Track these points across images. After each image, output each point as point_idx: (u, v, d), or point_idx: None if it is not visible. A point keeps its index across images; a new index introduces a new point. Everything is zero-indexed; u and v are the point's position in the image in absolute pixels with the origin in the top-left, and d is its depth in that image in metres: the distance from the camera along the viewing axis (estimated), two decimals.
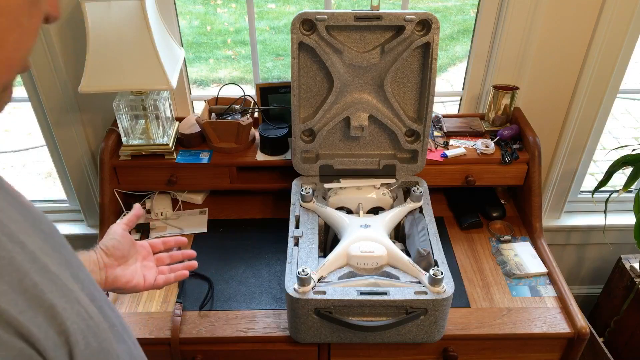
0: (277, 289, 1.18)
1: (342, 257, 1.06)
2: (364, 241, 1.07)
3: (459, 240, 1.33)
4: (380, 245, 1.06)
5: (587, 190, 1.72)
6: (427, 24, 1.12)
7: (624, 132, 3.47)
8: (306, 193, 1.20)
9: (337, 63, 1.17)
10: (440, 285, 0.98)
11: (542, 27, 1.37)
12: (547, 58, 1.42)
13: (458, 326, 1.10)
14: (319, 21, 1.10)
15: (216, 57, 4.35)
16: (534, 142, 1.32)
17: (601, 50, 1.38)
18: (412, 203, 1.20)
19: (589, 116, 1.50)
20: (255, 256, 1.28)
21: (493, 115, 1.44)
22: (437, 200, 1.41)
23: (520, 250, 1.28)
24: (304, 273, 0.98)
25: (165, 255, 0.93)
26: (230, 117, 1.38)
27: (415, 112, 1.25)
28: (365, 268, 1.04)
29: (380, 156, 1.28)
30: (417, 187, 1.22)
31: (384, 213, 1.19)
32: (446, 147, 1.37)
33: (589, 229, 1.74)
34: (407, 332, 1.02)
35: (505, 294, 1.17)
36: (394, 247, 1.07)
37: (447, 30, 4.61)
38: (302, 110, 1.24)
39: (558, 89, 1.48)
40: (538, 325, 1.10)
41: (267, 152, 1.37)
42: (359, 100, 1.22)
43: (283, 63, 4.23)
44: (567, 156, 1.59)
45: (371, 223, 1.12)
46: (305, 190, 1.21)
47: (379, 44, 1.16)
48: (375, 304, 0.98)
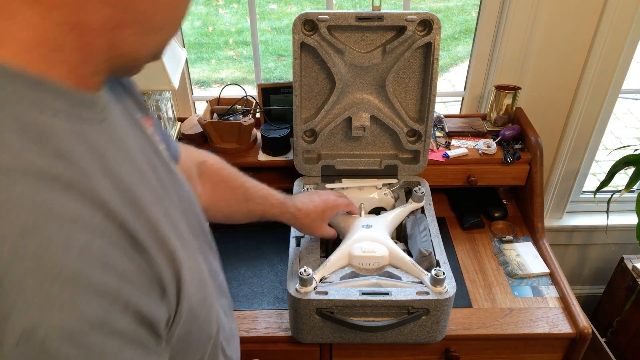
0: (279, 289, 1.19)
1: (343, 257, 1.06)
2: (366, 241, 1.07)
3: (460, 240, 1.33)
4: (382, 246, 1.06)
5: (589, 190, 1.71)
6: (429, 24, 1.12)
7: (626, 132, 3.47)
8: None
9: (338, 63, 1.17)
10: (442, 285, 0.98)
11: (544, 27, 1.37)
12: (549, 58, 1.42)
13: (460, 326, 1.10)
14: (320, 21, 1.11)
15: (218, 57, 4.35)
16: (536, 142, 1.32)
17: (603, 50, 1.38)
18: (414, 203, 1.20)
19: (591, 116, 1.50)
20: (257, 256, 1.28)
21: (495, 116, 1.44)
22: (438, 200, 1.41)
23: (522, 251, 1.28)
24: (306, 273, 0.98)
25: None
26: (232, 117, 1.38)
27: (416, 112, 1.25)
28: (367, 268, 1.04)
29: (382, 156, 1.28)
30: (418, 187, 1.22)
31: (385, 213, 1.19)
32: (448, 147, 1.37)
33: (591, 229, 1.74)
34: (409, 332, 1.02)
35: (507, 294, 1.17)
36: (395, 248, 1.07)
37: (448, 30, 4.61)
38: (304, 110, 1.24)
39: (560, 89, 1.48)
40: (540, 326, 1.10)
41: (268, 152, 1.37)
42: (360, 101, 1.22)
43: (285, 63, 4.23)
44: (569, 156, 1.58)
45: (373, 223, 1.12)
46: (307, 191, 1.21)
47: (381, 44, 1.16)
48: (377, 304, 0.98)
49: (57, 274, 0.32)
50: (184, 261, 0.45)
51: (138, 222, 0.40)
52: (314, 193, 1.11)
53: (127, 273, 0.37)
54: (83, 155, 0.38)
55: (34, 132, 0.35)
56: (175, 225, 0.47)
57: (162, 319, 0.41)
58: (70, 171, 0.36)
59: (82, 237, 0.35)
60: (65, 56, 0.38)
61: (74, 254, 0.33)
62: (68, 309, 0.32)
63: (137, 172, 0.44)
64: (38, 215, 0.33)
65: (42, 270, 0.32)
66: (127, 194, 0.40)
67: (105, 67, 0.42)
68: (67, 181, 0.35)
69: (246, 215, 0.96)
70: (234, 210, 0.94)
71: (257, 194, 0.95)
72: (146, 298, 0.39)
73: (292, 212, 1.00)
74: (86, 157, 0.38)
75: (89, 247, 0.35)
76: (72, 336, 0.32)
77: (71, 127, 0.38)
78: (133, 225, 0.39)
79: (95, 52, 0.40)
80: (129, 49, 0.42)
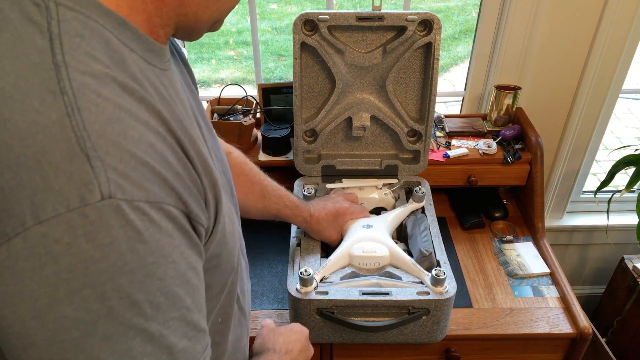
0: (279, 289, 1.19)
1: (344, 257, 1.06)
2: (366, 242, 1.07)
3: (461, 240, 1.33)
4: (382, 246, 1.06)
5: (589, 190, 1.71)
6: (429, 24, 1.12)
7: (627, 132, 3.47)
8: (308, 193, 1.20)
9: (339, 63, 1.17)
10: (443, 285, 0.98)
11: (544, 27, 1.37)
12: (549, 58, 1.42)
13: (460, 326, 1.10)
14: (320, 21, 1.11)
15: (218, 57, 4.35)
16: (536, 142, 1.32)
17: (603, 50, 1.38)
18: (414, 203, 1.20)
19: (592, 116, 1.50)
20: (258, 257, 1.28)
21: (495, 116, 1.44)
22: (439, 200, 1.41)
23: (523, 251, 1.28)
24: (306, 273, 0.98)
25: None
26: (233, 117, 1.38)
27: (417, 112, 1.25)
28: (367, 268, 1.04)
29: (382, 156, 1.28)
30: (419, 187, 1.22)
31: (386, 213, 1.19)
32: (448, 148, 1.37)
33: (592, 229, 1.74)
34: (410, 332, 1.02)
35: (508, 294, 1.17)
36: (396, 248, 1.07)
37: (449, 30, 4.61)
38: (304, 110, 1.24)
39: (560, 89, 1.48)
40: (540, 326, 1.10)
41: (269, 152, 1.37)
42: (360, 101, 1.22)
43: (285, 63, 4.23)
44: (570, 156, 1.58)
45: (373, 223, 1.12)
46: (307, 191, 1.21)
47: (381, 44, 1.16)
48: (377, 304, 0.98)
49: (131, 157, 0.40)
50: (222, 194, 0.52)
51: (191, 148, 0.47)
52: (329, 199, 1.14)
53: (181, 175, 0.45)
54: (149, 88, 0.45)
55: (118, 57, 0.43)
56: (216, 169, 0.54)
57: (203, 224, 0.48)
58: (143, 92, 0.43)
59: (150, 136, 0.42)
60: (144, 6, 0.46)
61: (144, 146, 0.41)
62: (137, 185, 0.40)
63: (188, 119, 0.51)
64: (120, 110, 0.40)
65: (121, 152, 0.39)
66: (182, 124, 0.47)
67: (172, 23, 0.49)
68: (141, 96, 0.43)
69: (260, 211, 1.01)
70: (250, 205, 0.99)
71: (273, 192, 1.01)
72: (194, 200, 0.46)
73: (304, 217, 1.06)
74: (151, 91, 0.45)
75: (154, 145, 0.42)
76: (139, 207, 0.40)
77: (142, 65, 0.46)
78: (187, 147, 0.46)
79: (167, 6, 0.47)
80: (194, 9, 0.48)
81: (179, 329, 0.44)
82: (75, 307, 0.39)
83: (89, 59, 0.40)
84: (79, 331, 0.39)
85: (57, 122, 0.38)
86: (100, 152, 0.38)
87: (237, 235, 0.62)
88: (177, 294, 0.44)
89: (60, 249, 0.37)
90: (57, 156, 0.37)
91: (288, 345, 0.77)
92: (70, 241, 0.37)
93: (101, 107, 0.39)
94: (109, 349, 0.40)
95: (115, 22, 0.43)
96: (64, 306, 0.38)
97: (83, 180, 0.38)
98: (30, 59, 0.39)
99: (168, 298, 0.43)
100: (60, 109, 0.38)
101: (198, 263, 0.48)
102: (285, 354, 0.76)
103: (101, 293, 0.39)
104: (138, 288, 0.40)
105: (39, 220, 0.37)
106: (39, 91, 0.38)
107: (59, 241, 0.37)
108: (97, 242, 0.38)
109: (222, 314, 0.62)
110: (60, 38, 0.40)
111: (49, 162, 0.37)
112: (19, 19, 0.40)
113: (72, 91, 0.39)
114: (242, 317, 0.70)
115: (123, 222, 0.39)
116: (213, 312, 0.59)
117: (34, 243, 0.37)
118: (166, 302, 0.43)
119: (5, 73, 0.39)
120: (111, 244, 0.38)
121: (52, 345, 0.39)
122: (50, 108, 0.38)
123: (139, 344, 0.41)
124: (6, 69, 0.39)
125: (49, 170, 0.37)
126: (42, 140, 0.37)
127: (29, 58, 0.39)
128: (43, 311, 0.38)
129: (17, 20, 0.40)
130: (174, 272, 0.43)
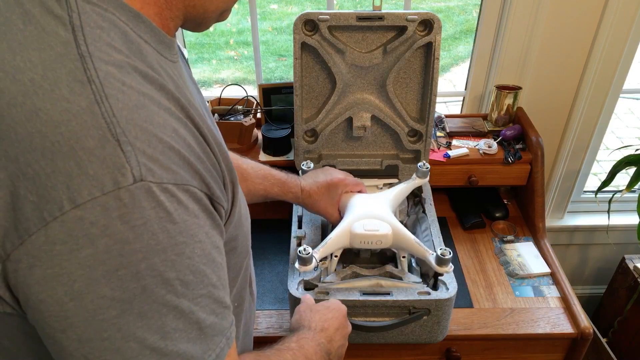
0: (280, 290, 1.18)
1: (344, 235, 1.01)
2: (368, 219, 1.02)
3: (461, 240, 1.33)
4: (385, 224, 1.01)
5: (590, 190, 1.71)
6: (429, 24, 1.12)
7: (627, 131, 3.46)
8: (307, 168, 1.16)
9: (339, 63, 1.17)
10: (448, 265, 0.95)
11: (545, 27, 1.37)
12: (550, 58, 1.42)
13: (461, 326, 1.10)
14: (321, 21, 1.11)
15: (219, 57, 4.36)
16: (537, 142, 1.32)
17: (604, 50, 1.38)
18: (418, 179, 1.15)
19: (592, 116, 1.50)
20: (258, 257, 1.28)
21: (496, 116, 1.44)
22: (439, 200, 1.41)
23: (523, 251, 1.28)
24: (306, 252, 0.94)
25: None
26: (233, 117, 1.38)
27: (417, 112, 1.25)
28: (369, 248, 1.01)
29: (383, 156, 1.28)
30: (423, 162, 1.16)
31: (389, 190, 1.16)
32: (449, 147, 1.37)
33: (592, 229, 1.74)
34: (410, 332, 1.02)
35: (508, 294, 1.17)
36: (399, 226, 1.02)
37: (449, 30, 4.61)
38: (305, 110, 1.24)
39: (561, 88, 1.48)
40: (541, 326, 1.10)
41: (269, 152, 1.37)
42: (361, 101, 1.22)
43: (285, 64, 4.23)
44: (570, 156, 1.58)
45: (375, 199, 1.08)
46: (306, 165, 1.17)
47: (381, 44, 1.16)
48: (378, 305, 0.98)
49: (158, 141, 0.42)
50: (237, 179, 0.55)
51: (208, 133, 0.49)
52: (320, 171, 1.11)
53: (203, 159, 0.47)
54: (166, 77, 0.47)
55: (135, 48, 0.45)
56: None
57: (224, 205, 0.50)
58: (162, 80, 0.45)
59: (173, 122, 0.44)
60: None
61: (169, 131, 0.43)
62: (165, 168, 0.42)
63: (200, 109, 0.53)
64: (144, 97, 0.42)
65: (149, 137, 0.41)
66: (198, 112, 0.49)
67: (181, 14, 0.51)
68: (161, 84, 0.45)
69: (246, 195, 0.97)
70: None
71: (255, 173, 0.99)
72: (215, 183, 0.48)
73: (295, 193, 1.04)
74: (168, 79, 0.47)
75: (177, 130, 0.44)
76: (168, 189, 0.42)
77: (155, 56, 0.47)
78: (205, 132, 0.48)
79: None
80: (201, 1, 0.50)
81: (207, 306, 0.46)
82: (112, 287, 0.40)
83: (110, 50, 0.42)
84: (116, 310, 0.41)
85: (88, 109, 0.39)
86: (130, 137, 0.40)
87: (249, 219, 0.65)
88: (204, 271, 0.46)
89: (96, 231, 0.39)
90: (90, 142, 0.39)
91: (324, 323, 0.77)
92: (106, 223, 0.39)
93: (127, 95, 0.41)
94: (144, 326, 0.42)
95: (129, 15, 0.45)
96: (102, 286, 0.40)
97: (116, 165, 0.39)
98: (55, 51, 0.40)
99: (196, 276, 0.45)
100: (89, 96, 0.40)
101: (220, 243, 0.50)
102: (321, 332, 0.75)
103: (136, 272, 0.41)
104: (170, 266, 0.42)
105: (75, 204, 0.38)
106: (67, 80, 0.40)
107: (95, 224, 0.39)
108: (131, 223, 0.40)
109: (237, 299, 0.64)
110: (83, 30, 0.41)
111: (82, 148, 0.39)
112: (41, 13, 0.41)
113: (99, 80, 0.40)
114: (252, 302, 0.71)
115: (154, 203, 0.41)
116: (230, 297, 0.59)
117: (71, 226, 0.39)
118: (195, 280, 0.45)
119: (33, 65, 0.40)
120: (144, 224, 0.40)
121: (90, 325, 0.41)
122: (80, 96, 0.39)
123: (171, 320, 0.43)
124: (34, 61, 0.40)
125: (83, 155, 0.39)
126: (75, 127, 0.39)
127: (54, 49, 0.40)
128: (81, 292, 0.40)
129: (39, 14, 0.41)
130: (200, 251, 0.45)
